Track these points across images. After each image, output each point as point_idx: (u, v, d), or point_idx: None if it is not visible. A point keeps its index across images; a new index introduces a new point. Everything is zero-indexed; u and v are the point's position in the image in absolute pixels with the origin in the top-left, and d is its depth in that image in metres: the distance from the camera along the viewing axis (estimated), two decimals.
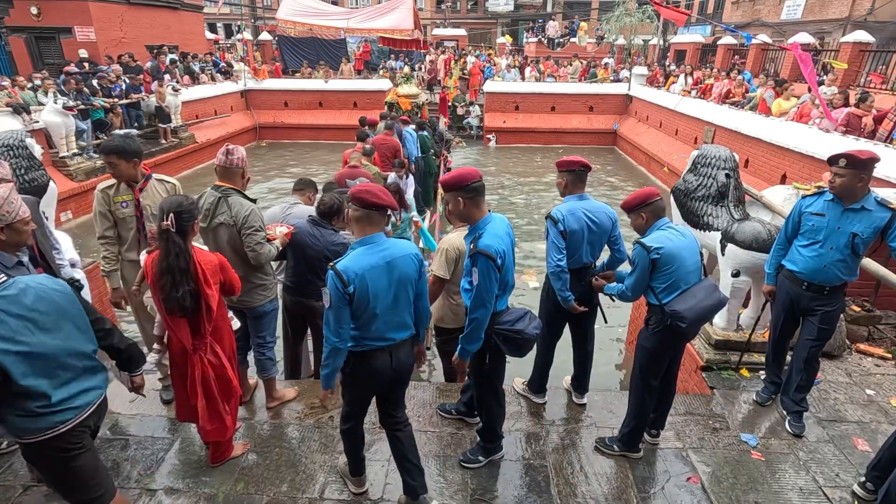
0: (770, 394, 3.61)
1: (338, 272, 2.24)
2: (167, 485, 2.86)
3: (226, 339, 2.81)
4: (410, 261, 2.40)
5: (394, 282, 2.35)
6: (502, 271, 2.56)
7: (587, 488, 2.90)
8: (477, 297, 2.54)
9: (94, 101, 11.11)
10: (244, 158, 3.09)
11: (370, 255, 2.31)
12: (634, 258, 2.78)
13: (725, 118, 11.46)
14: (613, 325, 6.62)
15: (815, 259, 3.10)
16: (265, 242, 3.11)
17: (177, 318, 2.56)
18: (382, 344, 2.42)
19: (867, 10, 17.56)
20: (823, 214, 3.06)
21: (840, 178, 2.93)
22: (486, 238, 2.52)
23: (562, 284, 3.07)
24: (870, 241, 2.99)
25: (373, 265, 2.29)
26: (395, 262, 2.35)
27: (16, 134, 5.27)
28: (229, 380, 2.73)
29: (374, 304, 2.31)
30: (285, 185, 12.74)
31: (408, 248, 2.44)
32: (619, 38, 25.16)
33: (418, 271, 2.44)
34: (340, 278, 2.23)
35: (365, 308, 2.31)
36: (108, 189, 3.16)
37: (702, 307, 2.70)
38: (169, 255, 2.45)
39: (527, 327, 2.67)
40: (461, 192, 2.57)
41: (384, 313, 2.37)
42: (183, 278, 2.46)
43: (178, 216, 2.45)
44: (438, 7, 35.91)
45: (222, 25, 37.73)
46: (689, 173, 4.14)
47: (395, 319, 2.42)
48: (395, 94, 12.02)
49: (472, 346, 2.65)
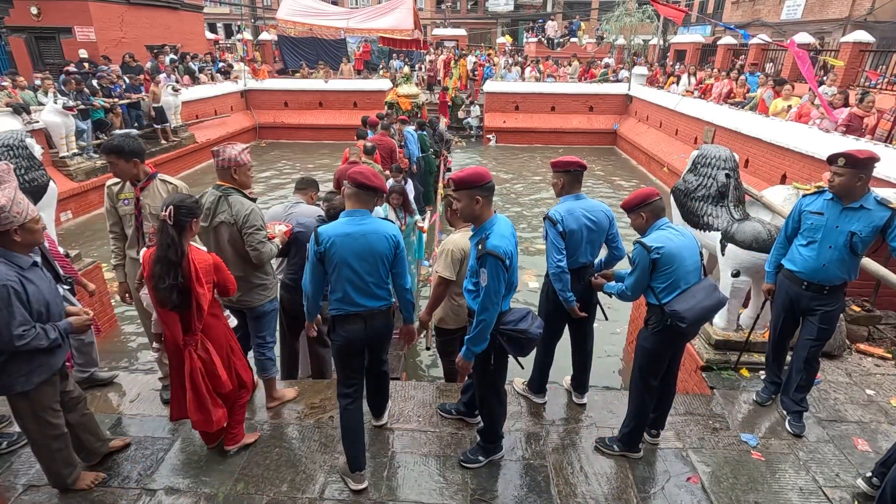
0: (770, 394, 3.61)
1: (316, 233, 2.61)
2: (167, 485, 2.86)
3: (221, 338, 2.84)
4: (383, 238, 2.65)
5: (364, 253, 2.61)
6: (509, 272, 2.58)
7: (587, 488, 2.90)
8: (485, 299, 2.55)
9: (94, 101, 11.11)
10: (232, 158, 3.02)
11: (348, 226, 2.61)
12: (635, 258, 2.78)
13: (725, 118, 11.46)
14: (613, 325, 6.63)
15: (813, 258, 3.10)
16: (266, 241, 3.12)
17: (168, 312, 2.62)
18: (355, 309, 2.69)
19: (867, 10, 17.56)
20: (822, 213, 3.06)
21: (839, 177, 2.93)
22: (493, 239, 2.53)
23: (563, 285, 3.08)
24: (869, 241, 2.98)
25: (346, 234, 2.59)
26: (368, 236, 2.61)
27: (16, 134, 5.27)
28: (218, 376, 2.77)
29: (341, 267, 2.61)
30: (284, 185, 12.75)
31: (386, 227, 2.69)
32: (619, 38, 25.16)
33: (392, 250, 2.68)
34: (316, 239, 2.59)
35: (333, 269, 2.62)
36: (114, 185, 3.24)
37: (702, 307, 2.69)
38: (162, 245, 2.51)
39: (530, 327, 2.68)
40: (479, 191, 2.57)
41: (353, 279, 2.63)
42: (171, 271, 2.51)
43: (177, 210, 2.51)
44: (438, 7, 35.92)
45: (222, 25, 37.72)
46: (689, 173, 4.14)
47: (364, 288, 2.67)
48: (395, 94, 12.02)
49: (478, 347, 2.66)
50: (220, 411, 2.84)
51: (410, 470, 3.00)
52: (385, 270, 2.70)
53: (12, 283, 2.26)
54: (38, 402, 2.50)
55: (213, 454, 3.08)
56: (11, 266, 2.31)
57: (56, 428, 2.60)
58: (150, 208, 3.18)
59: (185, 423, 3.33)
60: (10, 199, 2.25)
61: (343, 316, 2.71)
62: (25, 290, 2.32)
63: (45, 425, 2.55)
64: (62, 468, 2.69)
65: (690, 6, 28.28)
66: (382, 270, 2.69)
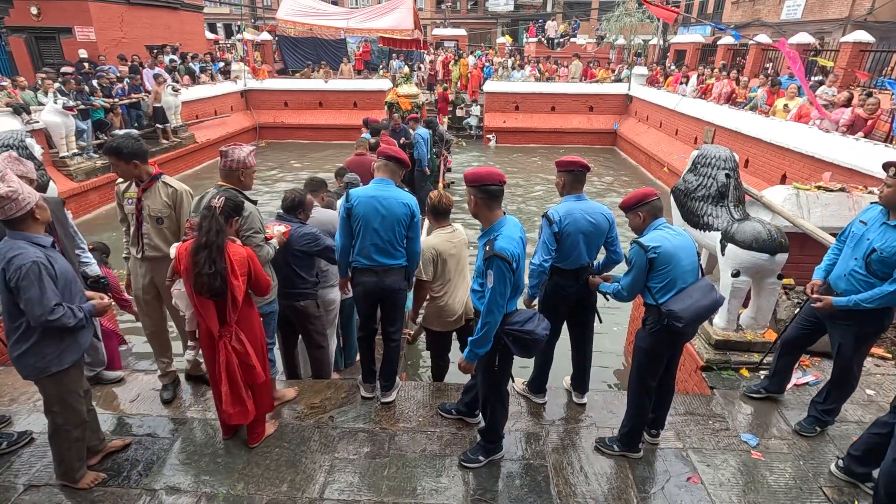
0: (761, 387, 3.61)
1: (347, 194, 3.13)
2: (167, 484, 2.86)
3: (256, 330, 2.92)
4: (402, 204, 3.11)
5: (382, 214, 3.06)
6: (516, 274, 2.58)
7: (587, 488, 2.90)
8: (491, 300, 2.55)
9: (94, 101, 11.11)
10: (240, 160, 3.06)
11: (374, 191, 3.12)
12: (631, 257, 2.78)
13: (725, 118, 11.46)
14: (615, 325, 6.64)
15: (839, 266, 3.04)
16: (264, 244, 3.14)
17: (205, 302, 2.67)
18: (370, 263, 3.16)
19: (867, 10, 17.56)
20: (866, 223, 2.92)
21: (888, 188, 2.75)
22: (501, 241, 2.53)
23: (535, 283, 3.16)
24: (891, 263, 2.74)
25: (371, 196, 3.10)
26: (388, 200, 3.08)
27: (16, 134, 5.26)
28: (253, 366, 2.82)
29: (362, 223, 3.08)
30: (285, 185, 12.75)
31: (404, 195, 3.17)
32: (619, 38, 25.15)
33: (408, 216, 3.12)
34: (346, 196, 3.12)
35: (357, 224, 3.10)
36: (122, 183, 3.31)
37: (698, 307, 2.69)
38: (210, 231, 2.59)
39: (536, 328, 2.68)
40: (476, 191, 2.63)
41: (370, 236, 3.09)
42: (219, 256, 2.58)
43: (227, 201, 2.72)
44: (438, 7, 35.91)
45: (222, 25, 37.72)
46: (689, 173, 4.14)
47: (382, 246, 3.12)
48: (395, 93, 12.00)
49: (482, 349, 2.67)
50: (251, 402, 2.92)
51: (410, 470, 3.00)
52: (401, 233, 3.12)
53: (41, 260, 2.36)
54: (66, 385, 2.59)
55: (213, 453, 3.08)
56: (36, 246, 2.40)
57: (80, 414, 2.68)
58: (150, 209, 3.19)
59: (185, 422, 3.34)
60: (17, 183, 2.35)
61: (360, 269, 3.20)
62: (52, 266, 2.41)
63: (71, 410, 2.63)
64: (76, 461, 2.74)
65: (690, 6, 28.27)
66: (399, 232, 3.12)
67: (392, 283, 3.22)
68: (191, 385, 3.70)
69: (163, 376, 3.61)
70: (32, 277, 2.32)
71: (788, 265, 3.90)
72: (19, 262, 2.32)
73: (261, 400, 3.03)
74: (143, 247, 3.25)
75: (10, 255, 2.33)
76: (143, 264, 3.31)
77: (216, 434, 3.22)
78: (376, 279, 3.18)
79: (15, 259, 2.32)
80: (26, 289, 2.32)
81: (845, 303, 2.90)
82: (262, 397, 3.04)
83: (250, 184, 3.20)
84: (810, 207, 4.29)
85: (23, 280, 2.31)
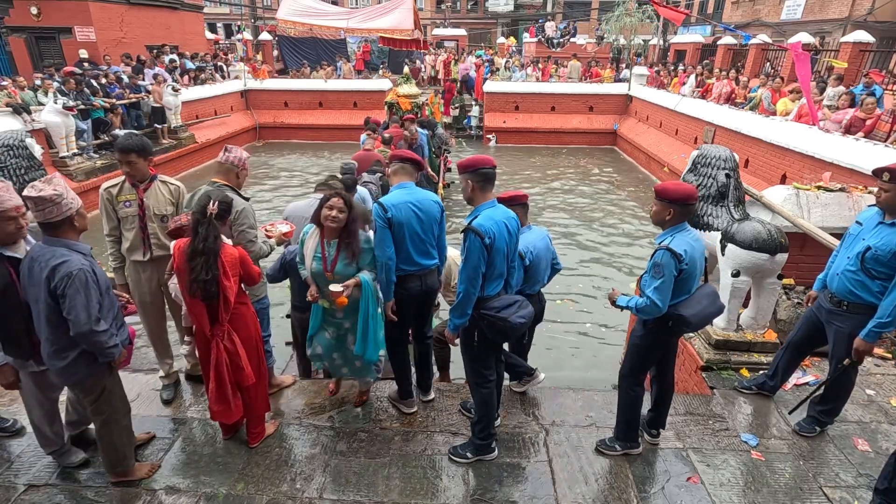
0: (753, 384, 3.62)
1: (381, 204, 2.94)
2: (167, 484, 2.86)
3: (250, 327, 2.91)
4: (434, 203, 3.10)
5: (423, 216, 3.00)
6: (491, 253, 2.63)
7: (587, 488, 2.90)
8: (463, 271, 2.66)
9: (94, 101, 11.11)
10: (241, 159, 3.22)
11: (407, 195, 3.02)
12: (662, 265, 2.59)
13: (725, 118, 11.46)
14: (614, 325, 6.63)
15: (834, 264, 3.06)
16: (255, 240, 3.19)
17: (197, 303, 2.67)
18: (413, 269, 3.07)
19: (867, 10, 17.55)
20: (862, 223, 2.95)
21: (885, 192, 2.79)
22: (479, 219, 2.67)
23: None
24: (884, 262, 2.76)
25: (407, 200, 2.99)
26: (423, 202, 3.03)
27: (16, 134, 5.28)
28: (242, 368, 2.81)
29: (405, 229, 2.96)
30: (285, 185, 12.75)
31: (432, 195, 3.17)
32: (620, 38, 25.13)
33: (440, 213, 3.13)
34: (382, 207, 2.92)
35: (399, 231, 2.95)
36: (112, 188, 3.20)
37: (706, 314, 2.72)
38: (207, 238, 2.58)
39: (511, 315, 2.68)
40: (470, 175, 2.74)
41: (412, 239, 3.00)
42: (214, 263, 2.58)
43: (220, 204, 2.67)
44: (438, 7, 35.91)
45: (222, 25, 37.71)
46: (689, 173, 4.14)
47: (421, 247, 3.05)
48: (395, 94, 12.00)
49: (459, 320, 2.75)
50: (238, 403, 2.92)
51: (410, 470, 3.00)
52: (437, 230, 3.13)
53: (86, 268, 2.34)
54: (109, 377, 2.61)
55: (213, 453, 3.08)
56: (78, 254, 2.37)
57: (126, 401, 2.74)
58: (154, 209, 3.19)
59: (185, 422, 3.34)
60: (63, 187, 2.33)
61: (403, 276, 3.07)
62: (96, 274, 2.39)
63: (118, 400, 2.68)
64: (128, 447, 2.79)
65: (690, 6, 28.27)
66: (436, 230, 3.12)
67: (433, 283, 3.21)
68: (191, 385, 3.70)
69: (165, 377, 3.61)
70: (79, 285, 2.28)
71: (788, 265, 3.90)
72: (67, 269, 2.27)
73: (254, 401, 3.01)
74: (149, 248, 3.24)
75: (55, 262, 2.28)
76: (148, 267, 3.29)
77: (216, 434, 3.22)
78: (420, 283, 3.13)
79: (61, 266, 2.27)
80: (73, 297, 2.27)
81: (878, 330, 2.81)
82: (255, 398, 3.01)
83: (243, 183, 3.32)
84: (810, 207, 4.30)
85: (70, 287, 2.26)
